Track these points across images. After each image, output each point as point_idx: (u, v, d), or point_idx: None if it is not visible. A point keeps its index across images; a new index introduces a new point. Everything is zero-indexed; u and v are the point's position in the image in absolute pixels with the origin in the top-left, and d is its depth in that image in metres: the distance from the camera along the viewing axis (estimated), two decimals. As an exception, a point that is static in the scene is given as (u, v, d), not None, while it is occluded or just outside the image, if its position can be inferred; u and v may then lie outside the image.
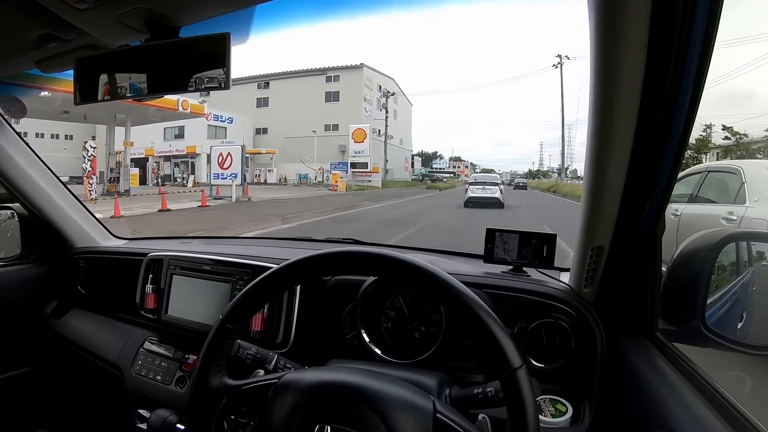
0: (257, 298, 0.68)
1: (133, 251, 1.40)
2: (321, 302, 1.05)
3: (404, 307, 0.99)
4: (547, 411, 0.84)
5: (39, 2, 0.69)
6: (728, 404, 0.59)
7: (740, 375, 0.88)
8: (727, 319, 0.84)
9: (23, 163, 1.31)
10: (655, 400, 0.67)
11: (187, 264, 1.20)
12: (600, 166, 0.67)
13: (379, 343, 0.98)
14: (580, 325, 0.88)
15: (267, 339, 1.03)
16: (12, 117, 1.33)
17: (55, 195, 1.39)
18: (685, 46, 0.53)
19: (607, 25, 0.52)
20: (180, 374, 1.17)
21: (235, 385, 0.66)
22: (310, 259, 0.66)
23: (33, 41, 0.82)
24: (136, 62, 0.81)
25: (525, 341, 0.90)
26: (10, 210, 1.46)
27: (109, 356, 1.29)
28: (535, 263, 1.03)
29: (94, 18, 0.73)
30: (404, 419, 0.56)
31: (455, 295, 0.59)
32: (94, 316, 1.43)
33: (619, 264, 0.81)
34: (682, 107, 0.58)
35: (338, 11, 0.89)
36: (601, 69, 0.56)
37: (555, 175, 56.20)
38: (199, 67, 0.74)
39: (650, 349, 0.78)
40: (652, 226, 0.74)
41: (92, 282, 1.46)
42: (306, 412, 0.59)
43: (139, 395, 1.20)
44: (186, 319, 1.17)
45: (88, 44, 0.83)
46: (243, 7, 0.75)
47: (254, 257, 1.16)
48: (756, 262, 0.89)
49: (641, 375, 0.74)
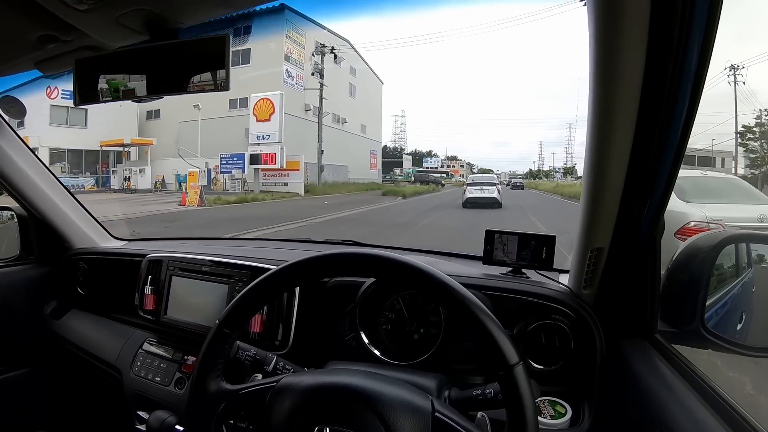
0: (255, 301, 0.68)
1: (132, 252, 1.40)
2: (320, 304, 1.05)
3: (404, 308, 0.99)
4: (547, 413, 0.84)
5: (39, 3, 0.69)
6: (728, 406, 0.59)
7: (739, 376, 0.88)
8: (727, 320, 0.84)
9: (22, 164, 1.31)
10: (654, 401, 0.67)
11: (186, 265, 1.20)
12: (599, 167, 0.67)
13: (379, 344, 0.98)
14: (580, 326, 0.88)
15: (266, 340, 1.03)
16: (11, 118, 1.34)
17: (54, 196, 1.39)
18: (684, 47, 0.53)
19: (607, 25, 0.52)
20: (179, 375, 1.16)
21: (234, 389, 0.65)
22: (309, 261, 0.66)
23: (33, 42, 0.82)
24: (135, 63, 0.81)
25: (524, 343, 0.90)
26: (9, 211, 1.46)
27: (109, 357, 1.29)
28: (534, 265, 1.03)
29: (94, 19, 0.73)
30: (403, 419, 0.56)
31: (452, 296, 0.59)
32: (94, 317, 1.43)
33: (619, 265, 0.81)
34: (682, 108, 0.58)
35: (336, 13, 0.89)
36: (600, 69, 0.56)
37: (558, 176, 55.29)
38: (199, 68, 0.75)
39: (650, 351, 0.78)
40: (651, 227, 0.74)
41: (91, 283, 1.46)
42: (304, 415, 0.59)
43: (138, 396, 1.20)
44: (185, 320, 1.17)
45: (88, 45, 0.83)
46: (241, 9, 0.75)
47: (253, 258, 1.16)
48: (756, 263, 0.89)
49: (641, 377, 0.74)
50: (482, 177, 16.53)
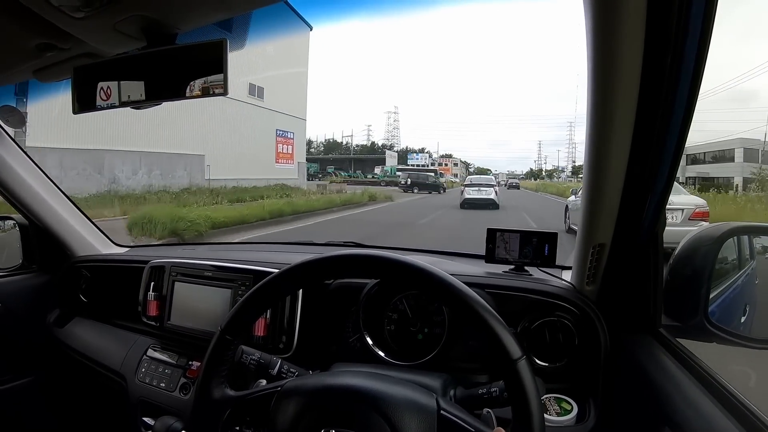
0: (258, 305, 0.68)
1: (135, 259, 1.40)
2: (323, 306, 1.05)
3: (407, 308, 0.99)
4: (552, 410, 0.84)
5: (36, 12, 0.69)
6: (734, 399, 0.59)
7: (745, 369, 0.88)
8: (731, 313, 0.84)
9: (23, 173, 1.31)
10: (660, 396, 0.67)
11: (189, 270, 1.20)
12: (600, 164, 0.67)
13: (383, 345, 0.98)
14: (583, 323, 0.88)
15: (270, 344, 1.03)
16: (11, 127, 1.34)
17: (55, 204, 1.39)
18: (681, 44, 0.53)
19: (604, 23, 0.52)
20: (184, 381, 1.16)
21: (238, 396, 0.65)
22: (311, 263, 0.66)
23: (31, 51, 0.82)
24: (133, 70, 0.81)
25: (528, 340, 0.90)
26: (11, 220, 1.46)
27: (113, 364, 1.29)
28: (536, 262, 1.03)
29: (92, 27, 0.73)
30: (408, 419, 0.56)
31: (455, 294, 0.59)
32: (97, 325, 1.43)
33: (621, 261, 0.81)
34: (680, 104, 0.58)
35: (333, 15, 0.89)
36: (598, 67, 0.56)
37: (564, 176, 54.00)
38: (197, 73, 0.74)
39: (654, 346, 0.78)
40: (652, 222, 0.75)
41: (94, 290, 1.46)
42: (310, 418, 0.59)
43: (143, 403, 1.20)
44: (189, 326, 1.17)
45: (86, 53, 0.83)
46: (240, 13, 0.75)
47: (256, 262, 1.16)
48: (758, 255, 0.89)
49: (646, 372, 0.74)
50: (480, 178, 16.56)
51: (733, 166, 18.62)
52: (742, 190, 14.90)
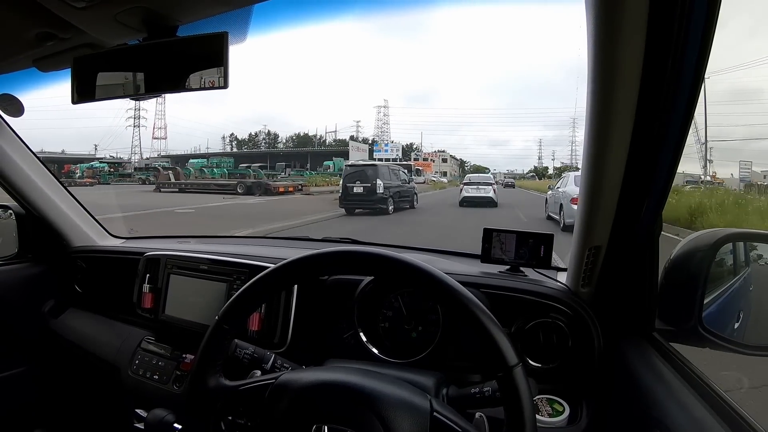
0: (254, 298, 0.68)
1: (131, 250, 1.40)
2: (318, 302, 1.05)
3: (402, 306, 0.99)
4: (544, 411, 0.84)
5: (37, 1, 0.69)
6: (725, 404, 0.59)
7: (737, 375, 0.88)
8: (724, 319, 0.84)
9: (21, 162, 1.31)
10: (652, 400, 0.67)
11: (184, 263, 1.20)
12: (597, 165, 0.67)
13: (377, 342, 0.98)
14: (577, 324, 0.88)
15: (264, 339, 1.03)
16: (9, 115, 1.33)
17: (52, 194, 1.39)
18: (683, 45, 0.53)
19: (605, 23, 0.52)
20: (177, 373, 1.16)
21: (232, 386, 0.65)
22: (307, 259, 0.66)
23: (31, 40, 0.82)
24: (133, 61, 0.80)
25: (522, 341, 0.90)
26: (7, 209, 1.46)
27: (107, 356, 1.29)
28: (532, 263, 1.03)
29: (92, 17, 0.73)
30: (401, 418, 0.56)
31: (451, 294, 0.59)
32: (92, 316, 1.43)
33: (617, 264, 0.81)
34: (680, 105, 0.58)
35: (334, 12, 0.89)
36: (598, 67, 0.56)
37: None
38: (197, 66, 0.74)
39: (647, 349, 0.78)
40: (649, 225, 0.75)
41: (89, 281, 1.46)
42: (303, 413, 0.59)
43: (136, 394, 1.20)
44: (183, 318, 1.17)
45: (86, 43, 0.82)
46: (241, 6, 0.75)
47: (251, 256, 1.16)
48: (754, 262, 0.89)
49: (638, 375, 0.74)
50: (479, 177, 16.57)
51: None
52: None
